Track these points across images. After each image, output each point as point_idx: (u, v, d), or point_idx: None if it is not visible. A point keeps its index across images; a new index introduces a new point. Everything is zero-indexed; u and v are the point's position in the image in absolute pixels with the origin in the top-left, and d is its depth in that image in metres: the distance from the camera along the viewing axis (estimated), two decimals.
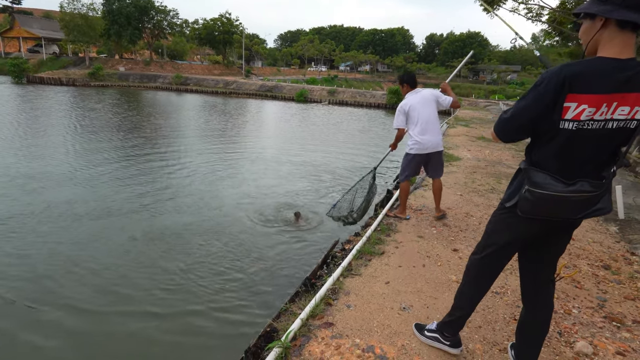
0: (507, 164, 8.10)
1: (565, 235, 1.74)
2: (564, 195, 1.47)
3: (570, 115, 1.43)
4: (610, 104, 1.38)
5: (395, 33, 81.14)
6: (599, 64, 1.39)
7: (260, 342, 2.33)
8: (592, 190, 1.47)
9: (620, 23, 1.37)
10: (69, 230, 5.19)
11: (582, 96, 1.39)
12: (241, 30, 49.93)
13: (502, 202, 1.74)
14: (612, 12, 1.36)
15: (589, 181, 1.47)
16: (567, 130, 1.45)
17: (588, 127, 1.43)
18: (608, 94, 1.37)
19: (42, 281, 4.01)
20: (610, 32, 1.40)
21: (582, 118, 1.42)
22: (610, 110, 1.39)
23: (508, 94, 43.06)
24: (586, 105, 1.39)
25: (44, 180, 7.15)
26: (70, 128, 13.02)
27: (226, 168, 8.98)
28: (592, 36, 1.44)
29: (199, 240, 5.04)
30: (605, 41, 1.42)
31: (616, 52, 1.39)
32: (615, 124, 1.42)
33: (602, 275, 3.29)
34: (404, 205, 4.47)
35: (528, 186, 1.54)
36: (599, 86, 1.37)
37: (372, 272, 3.13)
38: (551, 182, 1.49)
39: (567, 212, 1.54)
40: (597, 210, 1.53)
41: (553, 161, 1.53)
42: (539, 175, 1.52)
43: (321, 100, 31.78)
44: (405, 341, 2.28)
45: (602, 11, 1.39)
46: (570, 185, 1.47)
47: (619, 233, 4.35)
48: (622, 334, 2.46)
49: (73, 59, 40.32)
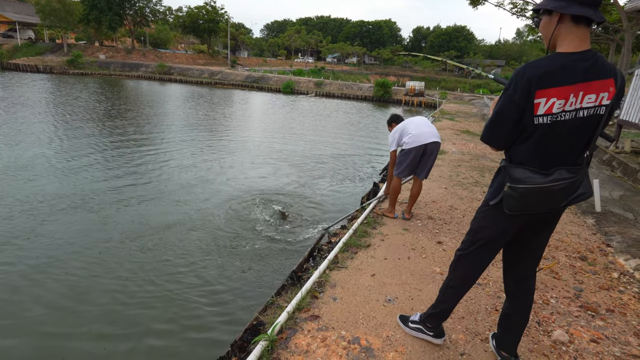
0: (491, 157, 8.26)
1: (548, 228, 1.79)
2: (545, 186, 1.53)
3: (542, 111, 1.49)
4: (577, 93, 1.46)
5: (383, 25, 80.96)
6: (559, 58, 1.47)
7: (246, 335, 2.33)
8: (570, 176, 1.53)
9: (575, 18, 1.45)
10: (43, 225, 5.04)
11: (549, 90, 1.46)
12: (226, 19, 48.91)
13: (487, 200, 1.77)
14: (566, 8, 1.44)
15: (567, 168, 1.54)
16: (543, 124, 1.51)
17: (562, 118, 1.49)
18: (573, 84, 1.45)
19: (7, 281, 3.90)
20: (567, 27, 1.48)
21: (554, 111, 1.48)
22: (578, 99, 1.47)
23: (492, 88, 43.71)
24: (555, 98, 1.46)
25: (18, 171, 6.91)
26: (49, 118, 12.58)
27: (213, 160, 8.86)
28: (552, 31, 1.51)
29: (183, 234, 4.98)
30: (563, 36, 1.50)
31: (575, 45, 1.47)
32: (585, 112, 1.50)
33: (578, 266, 3.41)
34: (394, 204, 4.31)
35: (510, 183, 1.58)
36: (563, 78, 1.45)
37: (358, 265, 3.16)
38: (530, 176, 1.54)
39: (551, 202, 1.59)
40: (579, 196, 1.59)
41: (532, 156, 1.57)
42: (517, 170, 1.57)
43: (308, 92, 31.59)
44: (390, 332, 2.32)
45: (557, 7, 1.47)
46: (548, 176, 1.53)
47: (596, 225, 4.51)
48: (596, 322, 2.56)
49: (50, 45, 38.82)
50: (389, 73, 58.60)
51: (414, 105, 28.25)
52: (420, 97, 28.39)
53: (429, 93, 31.46)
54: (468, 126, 13.55)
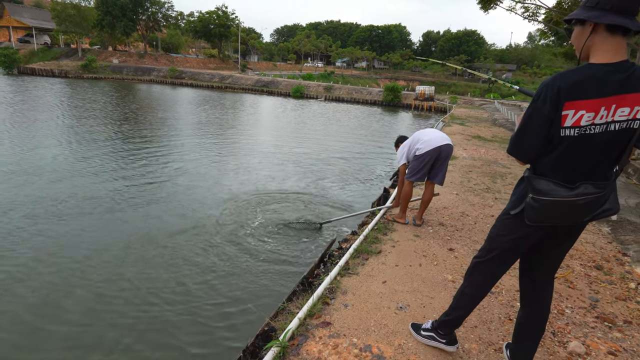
0: (503, 163, 8.17)
1: (570, 238, 1.75)
2: (569, 200, 1.49)
3: (569, 123, 1.45)
4: (609, 106, 1.40)
5: (392, 30, 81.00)
6: (592, 69, 1.42)
7: (257, 341, 2.34)
8: (596, 191, 1.48)
9: (610, 28, 1.39)
10: (55, 228, 5.13)
11: (578, 102, 1.41)
12: (237, 23, 49.54)
13: (507, 210, 1.75)
14: (601, 18, 1.39)
15: (593, 183, 1.49)
16: (570, 137, 1.47)
17: (591, 131, 1.45)
18: (605, 97, 1.39)
19: (18, 283, 3.97)
20: (601, 37, 1.42)
21: (583, 123, 1.44)
22: (610, 112, 1.41)
23: (503, 92, 43.29)
24: (584, 111, 1.41)
25: (30, 175, 7.05)
26: (65, 120, 12.84)
27: (224, 164, 8.94)
28: (584, 42, 1.46)
29: (194, 239, 5.01)
30: (597, 46, 1.44)
31: (608, 56, 1.42)
32: (617, 125, 1.44)
33: (594, 276, 3.34)
34: (405, 210, 4.26)
35: (532, 194, 1.56)
36: (595, 91, 1.39)
37: (369, 271, 3.15)
38: (555, 189, 1.51)
39: (574, 216, 1.55)
40: (605, 211, 1.55)
41: (557, 168, 1.54)
42: (541, 182, 1.54)
43: (317, 97, 31.70)
44: (402, 340, 2.30)
45: (591, 17, 1.41)
46: (573, 189, 1.49)
47: (611, 234, 4.42)
48: (613, 334, 2.51)
49: (65, 50, 39.74)
50: (399, 77, 58.53)
51: (424, 109, 28.09)
52: (430, 102, 28.22)
53: (439, 97, 31.31)
54: (479, 131, 13.43)
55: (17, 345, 3.09)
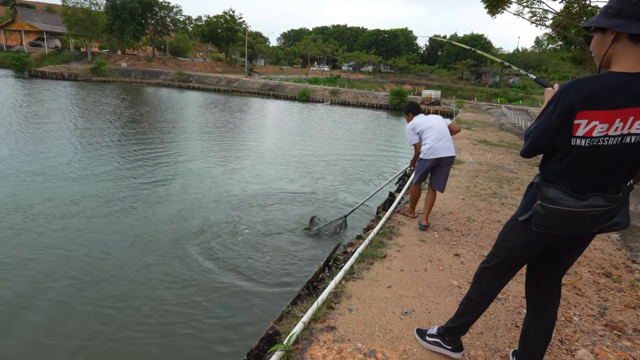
0: (509, 168, 8.10)
1: (578, 248, 1.73)
2: (577, 211, 1.46)
3: (581, 133, 1.42)
4: (626, 119, 1.35)
5: (399, 34, 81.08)
6: (610, 79, 1.37)
7: (262, 344, 2.34)
8: (606, 204, 1.45)
9: (633, 36, 1.33)
10: (66, 228, 5.19)
11: (592, 112, 1.37)
12: (244, 27, 49.93)
13: (516, 216, 1.74)
14: (624, 27, 1.33)
15: (603, 195, 1.45)
16: (580, 147, 1.44)
17: (603, 143, 1.41)
18: (621, 109, 1.34)
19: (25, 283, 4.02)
20: (623, 45, 1.37)
21: (595, 135, 1.40)
22: (627, 125, 1.36)
23: (510, 97, 43.05)
24: (597, 122, 1.37)
25: (38, 176, 7.15)
26: (74, 123, 13.02)
27: (229, 166, 8.98)
28: (606, 50, 1.41)
29: (199, 241, 5.04)
30: (618, 55, 1.39)
31: (630, 66, 1.36)
32: (634, 138, 1.39)
33: (603, 283, 3.29)
34: (414, 206, 4.68)
35: (540, 201, 1.54)
36: (611, 102, 1.35)
37: (374, 276, 3.14)
38: (563, 197, 1.48)
39: (581, 226, 1.52)
40: (613, 225, 1.51)
41: (565, 177, 1.52)
42: (550, 190, 1.52)
43: (323, 100, 31.78)
44: (407, 346, 2.28)
45: (613, 25, 1.35)
46: (583, 200, 1.46)
47: (620, 240, 4.36)
48: (622, 343, 2.46)
49: (75, 53, 40.34)
50: (405, 81, 58.50)
51: (430, 113, 28.02)
52: (436, 106, 28.21)
53: (445, 102, 31.23)
54: (485, 136, 13.35)
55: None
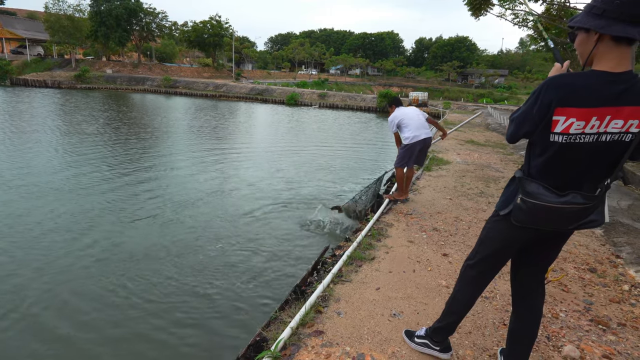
0: (496, 167, 8.21)
1: (557, 244, 1.76)
2: (555, 207, 1.48)
3: (559, 129, 1.43)
4: (603, 117, 1.37)
5: (385, 37, 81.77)
6: (591, 77, 1.39)
7: (249, 352, 2.30)
8: (584, 202, 1.47)
9: (616, 37, 1.35)
10: (48, 240, 5.07)
11: (570, 110, 1.39)
12: (231, 32, 49.80)
13: (497, 210, 1.75)
14: (607, 28, 1.34)
15: (581, 193, 1.47)
16: (557, 143, 1.46)
17: (580, 140, 1.43)
18: (599, 107, 1.36)
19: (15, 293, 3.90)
20: (606, 46, 1.38)
21: (572, 132, 1.42)
22: (603, 123, 1.38)
23: (495, 97, 43.74)
24: (574, 119, 1.39)
25: (19, 186, 6.98)
26: (53, 131, 12.76)
27: (216, 172, 8.90)
28: (590, 51, 1.42)
29: (184, 249, 4.96)
30: (601, 55, 1.40)
31: (612, 65, 1.38)
32: (609, 137, 1.42)
33: (588, 279, 3.34)
34: (401, 188, 5.08)
35: (522, 195, 1.56)
36: (589, 100, 1.37)
37: (362, 278, 3.12)
38: (543, 193, 1.50)
39: (559, 222, 1.55)
40: (589, 222, 1.54)
41: (545, 173, 1.54)
42: (532, 185, 1.53)
43: (312, 104, 31.82)
44: (396, 348, 2.27)
45: (597, 26, 1.36)
46: (562, 197, 1.48)
47: (604, 236, 4.43)
48: (607, 337, 2.49)
49: (58, 60, 39.66)
50: (393, 84, 58.91)
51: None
52: (423, 107, 28.47)
53: (432, 103, 31.57)
54: (472, 136, 13.51)
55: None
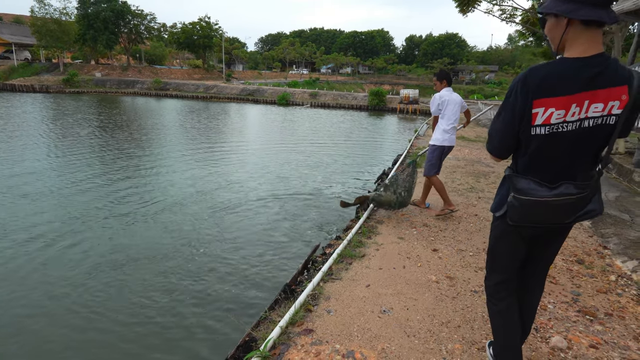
0: (486, 163, 8.27)
1: (557, 240, 1.72)
2: (549, 200, 1.45)
3: (539, 121, 1.41)
4: (581, 103, 1.36)
5: (375, 35, 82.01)
6: (562, 65, 1.38)
7: (238, 352, 2.29)
8: (578, 192, 1.44)
9: (585, 21, 1.34)
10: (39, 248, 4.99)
11: (547, 100, 1.38)
12: (221, 33, 49.53)
13: (492, 212, 1.72)
14: (575, 12, 1.33)
15: (574, 183, 1.44)
16: (540, 135, 1.44)
17: (563, 129, 1.41)
18: (576, 94, 1.35)
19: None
20: (575, 30, 1.37)
21: (553, 121, 1.40)
22: (582, 109, 1.37)
23: (486, 93, 44.09)
24: (553, 109, 1.37)
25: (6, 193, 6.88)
26: (42, 137, 12.59)
27: (201, 171, 8.84)
28: (561, 35, 1.41)
29: (172, 250, 4.92)
30: (571, 40, 1.39)
31: (581, 50, 1.37)
32: (591, 122, 1.39)
33: (576, 270, 3.37)
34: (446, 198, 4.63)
35: (513, 193, 1.52)
36: (564, 88, 1.35)
37: (352, 276, 3.12)
38: (535, 188, 1.47)
39: (556, 217, 1.51)
40: (588, 212, 1.50)
41: (535, 167, 1.51)
42: (522, 181, 1.50)
43: (303, 103, 31.77)
44: (385, 344, 2.27)
45: (565, 11, 1.35)
46: (553, 189, 1.44)
47: (592, 227, 4.49)
48: (595, 327, 2.52)
49: (46, 65, 39.12)
50: (384, 82, 59.11)
51: (409, 112, 28.42)
52: (415, 105, 28.58)
53: (423, 100, 31.67)
54: (463, 132, 13.58)
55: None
